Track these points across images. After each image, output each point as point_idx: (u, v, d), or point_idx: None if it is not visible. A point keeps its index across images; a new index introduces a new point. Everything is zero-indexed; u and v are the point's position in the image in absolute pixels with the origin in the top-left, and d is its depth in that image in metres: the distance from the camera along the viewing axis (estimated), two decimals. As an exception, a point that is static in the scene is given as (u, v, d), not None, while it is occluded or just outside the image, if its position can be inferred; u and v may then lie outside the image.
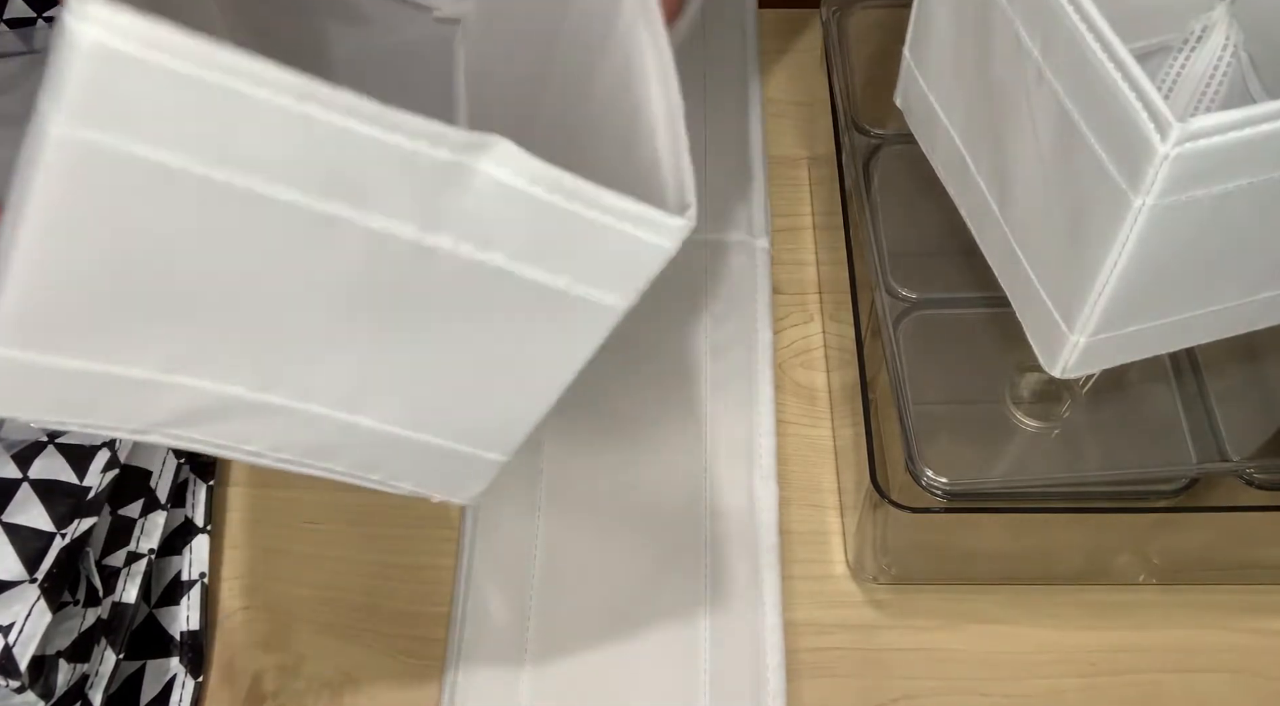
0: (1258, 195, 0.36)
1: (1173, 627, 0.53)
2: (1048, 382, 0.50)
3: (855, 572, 0.54)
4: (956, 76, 0.46)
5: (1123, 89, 0.34)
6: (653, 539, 0.54)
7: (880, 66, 0.58)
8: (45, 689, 0.44)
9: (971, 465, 0.49)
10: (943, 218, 0.50)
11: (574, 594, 0.53)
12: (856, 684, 0.51)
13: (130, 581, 0.49)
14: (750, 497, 0.55)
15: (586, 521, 0.55)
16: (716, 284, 0.62)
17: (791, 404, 0.59)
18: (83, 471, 0.47)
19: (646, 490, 0.55)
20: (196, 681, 0.51)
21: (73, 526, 0.45)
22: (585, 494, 0.56)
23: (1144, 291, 0.39)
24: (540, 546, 0.54)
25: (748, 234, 0.64)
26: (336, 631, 0.53)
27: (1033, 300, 0.43)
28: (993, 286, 0.47)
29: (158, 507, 0.51)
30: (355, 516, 0.56)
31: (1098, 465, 0.50)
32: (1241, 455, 0.48)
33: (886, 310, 0.52)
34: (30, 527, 0.45)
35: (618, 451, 0.57)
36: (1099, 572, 0.53)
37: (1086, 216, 0.38)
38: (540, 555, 0.54)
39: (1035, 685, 0.51)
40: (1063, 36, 0.36)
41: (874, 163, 0.57)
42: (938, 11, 0.46)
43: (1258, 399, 0.50)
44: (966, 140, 0.47)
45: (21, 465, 0.46)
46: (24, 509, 0.45)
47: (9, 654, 0.42)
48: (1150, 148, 0.33)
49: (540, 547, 0.54)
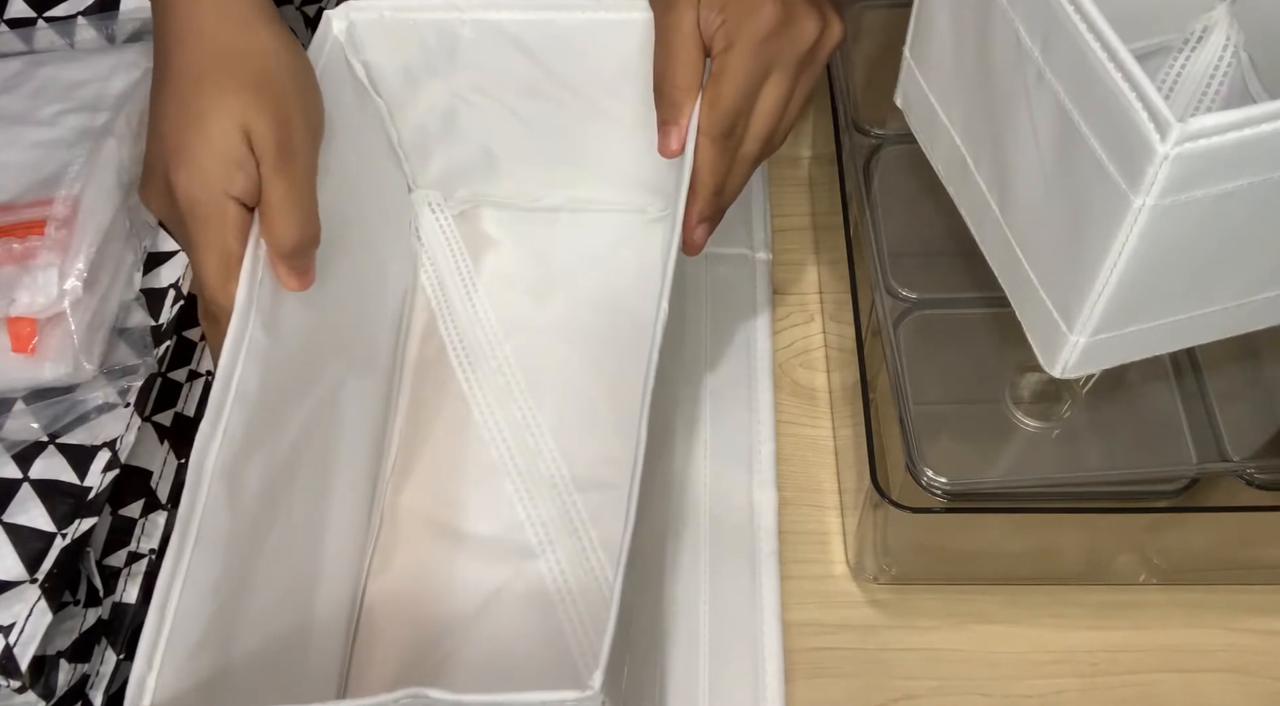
0: (1257, 195, 0.36)
1: (1173, 627, 0.53)
2: (1048, 382, 0.50)
3: (855, 572, 0.54)
4: (956, 76, 0.46)
5: (1123, 89, 0.34)
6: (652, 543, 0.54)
7: (880, 66, 0.58)
8: (46, 689, 0.44)
9: (971, 465, 0.49)
10: (943, 218, 0.50)
11: None
12: (856, 684, 0.51)
13: (131, 581, 0.49)
14: (749, 503, 0.55)
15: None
16: (717, 295, 0.62)
17: (791, 404, 0.59)
18: (83, 471, 0.46)
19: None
20: (196, 681, 0.51)
21: (73, 526, 0.45)
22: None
23: (1144, 291, 0.39)
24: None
25: (748, 247, 0.64)
26: (336, 631, 0.53)
27: (1033, 300, 0.43)
28: (993, 286, 0.47)
29: (158, 508, 0.51)
30: (355, 516, 0.56)
31: (1098, 465, 0.50)
32: (1241, 455, 0.48)
33: (886, 310, 0.52)
34: (31, 528, 0.45)
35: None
36: (1099, 572, 0.53)
37: (1086, 216, 0.38)
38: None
39: (1035, 685, 0.51)
40: (1063, 36, 0.36)
41: (874, 163, 0.57)
42: (938, 12, 0.46)
43: (1258, 399, 0.50)
44: (966, 140, 0.47)
45: (22, 465, 0.46)
46: (25, 509, 0.45)
47: (10, 654, 0.42)
48: (1150, 148, 0.33)
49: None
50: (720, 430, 0.58)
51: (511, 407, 0.58)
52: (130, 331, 0.50)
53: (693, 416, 0.58)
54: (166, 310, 0.52)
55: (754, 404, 0.58)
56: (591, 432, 0.57)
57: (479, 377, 0.59)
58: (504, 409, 0.58)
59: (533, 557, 0.53)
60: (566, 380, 0.59)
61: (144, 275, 0.52)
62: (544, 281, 0.63)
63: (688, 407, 0.58)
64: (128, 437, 0.48)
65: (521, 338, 0.60)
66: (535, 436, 0.57)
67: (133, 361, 0.49)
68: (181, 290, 0.53)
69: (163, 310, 0.52)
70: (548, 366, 0.59)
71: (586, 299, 0.62)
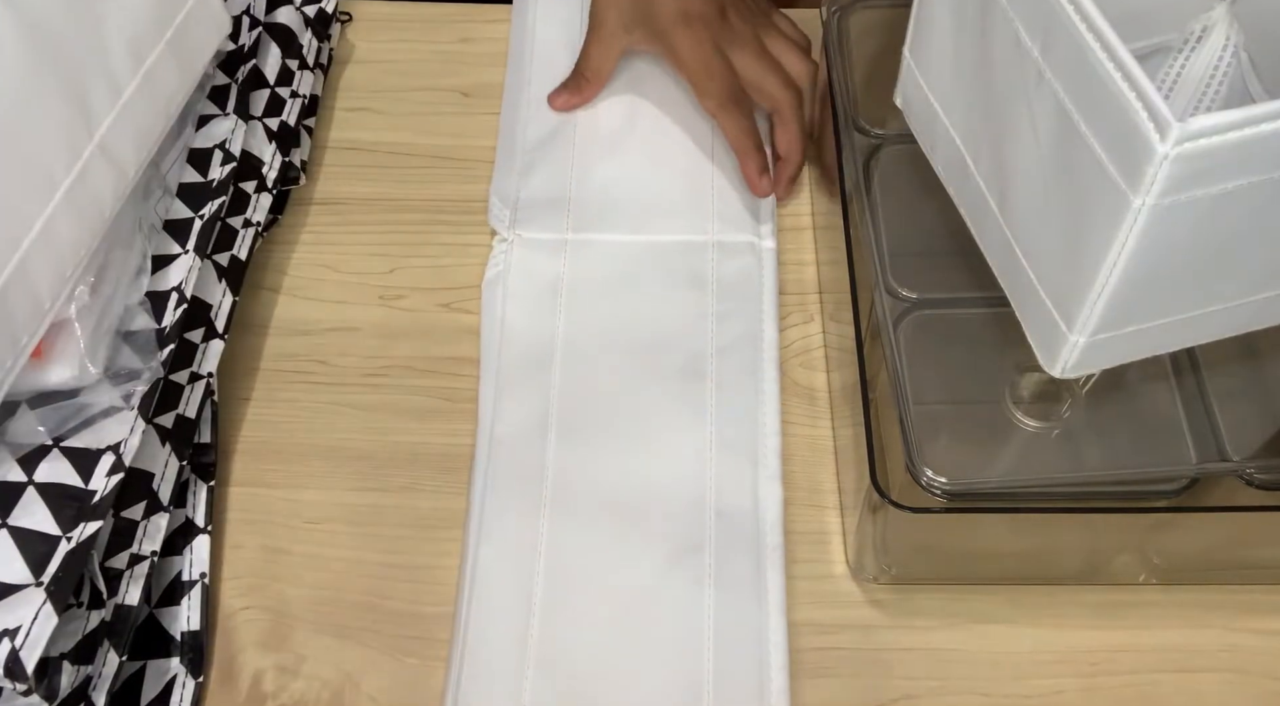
0: (1257, 195, 0.36)
1: (1172, 627, 0.53)
2: (1048, 382, 0.50)
3: (855, 572, 0.54)
4: (956, 76, 0.46)
5: (1123, 89, 0.34)
6: (657, 539, 0.54)
7: (880, 66, 0.58)
8: (49, 691, 0.44)
9: (971, 465, 0.49)
10: (943, 218, 0.50)
11: (578, 594, 0.53)
12: (857, 684, 0.52)
13: (133, 583, 0.49)
14: (754, 498, 0.55)
15: (591, 521, 0.55)
16: (722, 284, 0.62)
17: (792, 404, 0.59)
18: (88, 475, 0.47)
19: (651, 490, 0.56)
20: (197, 681, 0.51)
21: (78, 530, 0.45)
22: (589, 493, 0.56)
23: (1143, 291, 0.39)
24: (544, 546, 0.54)
25: (754, 235, 0.64)
26: (336, 631, 0.53)
27: (1032, 300, 0.43)
28: (993, 286, 0.47)
29: (160, 509, 0.51)
30: (355, 516, 0.56)
31: (1098, 465, 0.50)
32: (1241, 455, 0.48)
33: (886, 310, 0.52)
34: (36, 531, 0.45)
35: (622, 451, 0.57)
36: (1099, 572, 0.53)
37: (1086, 216, 0.38)
38: (545, 555, 0.54)
39: (1035, 685, 0.51)
40: (1063, 36, 0.36)
41: (874, 163, 0.57)
42: (938, 12, 0.46)
43: (1258, 399, 0.50)
44: (966, 140, 0.47)
45: (27, 468, 0.46)
46: (29, 512, 0.45)
47: (16, 657, 0.42)
48: (1150, 148, 0.33)
49: (544, 547, 0.54)
50: (725, 423, 0.57)
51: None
52: (135, 335, 0.50)
53: (698, 407, 0.58)
54: (170, 313, 0.52)
55: (761, 396, 0.58)
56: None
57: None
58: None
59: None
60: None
61: (147, 278, 0.52)
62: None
63: (692, 398, 0.58)
64: (131, 441, 0.48)
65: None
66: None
67: (137, 365, 0.50)
68: (184, 294, 0.53)
69: (166, 313, 0.52)
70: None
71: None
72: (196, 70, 0.56)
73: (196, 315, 0.55)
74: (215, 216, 0.57)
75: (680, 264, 0.63)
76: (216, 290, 0.57)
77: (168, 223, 0.55)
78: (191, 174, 0.58)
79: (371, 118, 0.70)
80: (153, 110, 0.52)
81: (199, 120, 0.59)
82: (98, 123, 0.49)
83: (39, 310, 0.46)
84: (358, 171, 0.68)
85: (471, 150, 0.68)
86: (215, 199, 0.57)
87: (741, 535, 0.54)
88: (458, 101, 0.71)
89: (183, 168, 0.58)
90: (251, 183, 0.61)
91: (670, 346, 0.60)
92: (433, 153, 0.69)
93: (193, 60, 0.55)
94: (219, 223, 0.58)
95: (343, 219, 0.66)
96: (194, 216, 0.56)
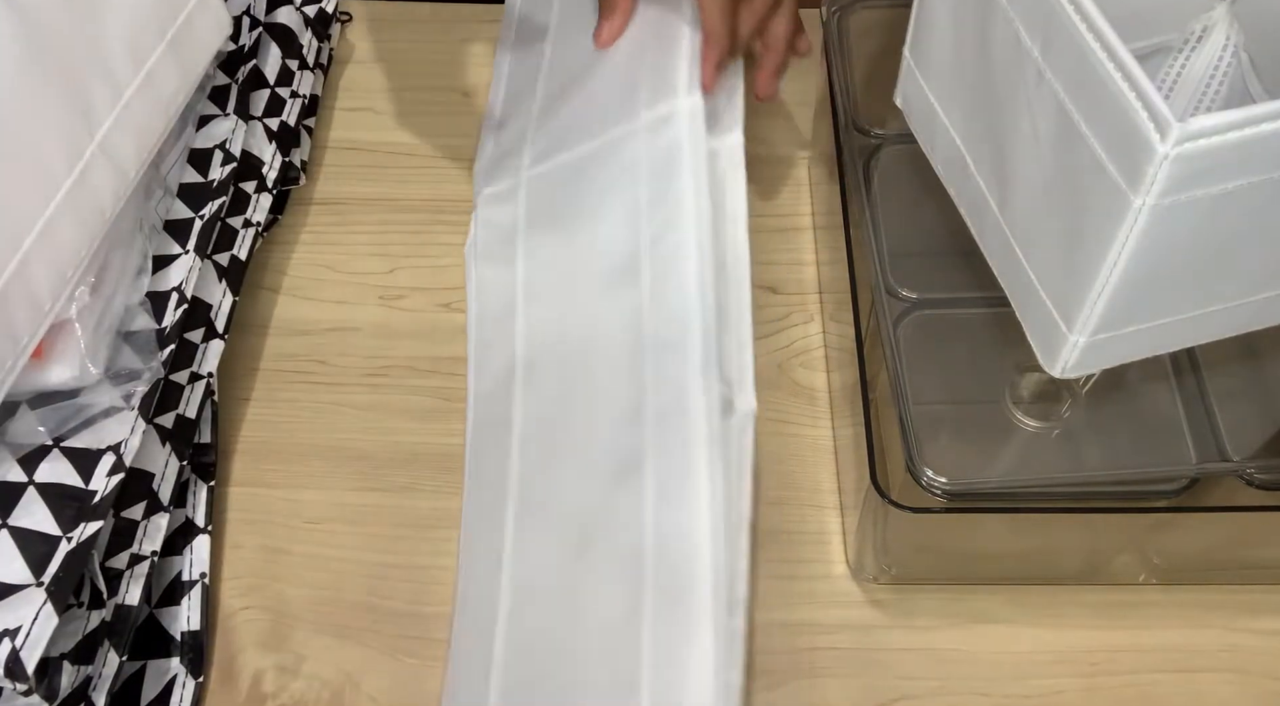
0: (1257, 195, 0.36)
1: (1172, 627, 0.53)
2: (1048, 382, 0.50)
3: (855, 572, 0.54)
4: (956, 77, 0.46)
5: (1123, 89, 0.34)
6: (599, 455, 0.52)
7: (880, 66, 0.58)
8: (49, 691, 0.44)
9: (971, 465, 0.49)
10: (943, 218, 0.50)
11: (540, 522, 0.52)
12: (856, 684, 0.52)
13: (133, 583, 0.49)
14: (684, 393, 0.50)
15: (552, 455, 0.53)
16: (654, 165, 0.56)
17: (791, 404, 0.59)
18: (88, 475, 0.47)
19: (595, 409, 0.53)
20: (197, 681, 0.51)
21: (79, 530, 0.45)
22: (549, 434, 0.54)
23: (1143, 291, 0.39)
24: (514, 485, 0.53)
25: (678, 101, 0.56)
26: (336, 631, 0.53)
27: (1033, 300, 0.43)
28: (993, 286, 0.47)
29: (160, 509, 0.51)
30: (355, 516, 0.56)
31: (1098, 465, 0.50)
32: (1241, 455, 0.48)
33: (886, 310, 0.52)
34: (36, 531, 0.45)
35: (572, 380, 0.54)
36: (1099, 572, 0.53)
37: (1086, 216, 0.38)
38: (514, 496, 0.53)
39: (1035, 685, 0.51)
40: (1063, 36, 0.36)
41: (874, 163, 0.57)
42: (938, 12, 0.46)
43: (1258, 399, 0.50)
44: (966, 140, 0.47)
45: (27, 469, 0.46)
46: (30, 512, 0.45)
47: (16, 657, 0.42)
48: (1150, 148, 0.33)
49: (513, 488, 0.53)
50: (661, 323, 0.52)
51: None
52: (135, 335, 0.51)
53: (635, 313, 0.53)
54: (170, 313, 0.52)
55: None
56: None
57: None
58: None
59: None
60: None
61: (148, 279, 0.52)
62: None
63: (627, 306, 0.53)
64: (132, 441, 0.48)
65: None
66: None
67: (137, 365, 0.50)
68: (185, 294, 0.53)
69: (166, 313, 0.52)
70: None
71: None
72: (197, 71, 0.56)
73: (196, 315, 0.55)
74: (215, 216, 0.57)
75: (614, 160, 0.58)
76: (217, 290, 0.57)
77: (168, 223, 0.56)
78: (192, 174, 0.58)
79: (371, 118, 0.70)
80: (153, 111, 0.52)
81: (199, 120, 0.59)
82: (98, 123, 0.49)
83: (39, 310, 0.46)
84: (358, 171, 0.68)
85: (471, 150, 0.68)
86: (215, 199, 0.57)
87: (677, 434, 0.49)
88: (458, 101, 0.71)
89: (183, 168, 0.58)
90: (251, 183, 0.61)
91: (610, 252, 0.56)
92: (433, 153, 0.69)
93: (193, 61, 0.55)
94: (219, 223, 0.58)
95: (343, 219, 0.66)
96: (194, 216, 0.56)
